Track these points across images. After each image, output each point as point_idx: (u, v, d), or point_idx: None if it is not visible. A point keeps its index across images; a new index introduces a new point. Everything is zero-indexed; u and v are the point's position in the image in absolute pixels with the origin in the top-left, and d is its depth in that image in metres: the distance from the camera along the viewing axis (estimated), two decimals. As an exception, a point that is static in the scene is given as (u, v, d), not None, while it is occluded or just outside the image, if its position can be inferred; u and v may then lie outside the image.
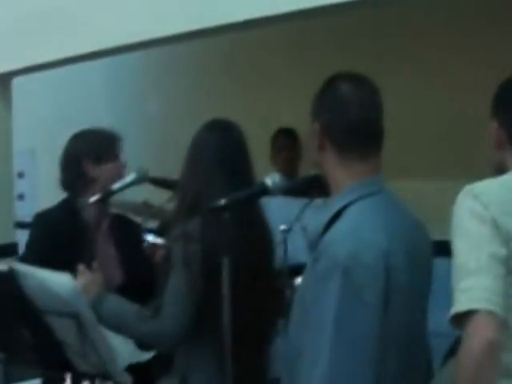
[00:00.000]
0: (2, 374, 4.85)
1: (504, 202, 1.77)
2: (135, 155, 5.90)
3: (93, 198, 2.86)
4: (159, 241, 3.25)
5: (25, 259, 3.02)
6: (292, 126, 4.70)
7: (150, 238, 3.29)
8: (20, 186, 5.82)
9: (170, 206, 3.97)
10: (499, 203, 1.76)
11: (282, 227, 3.83)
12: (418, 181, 4.50)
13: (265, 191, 2.29)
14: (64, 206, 3.18)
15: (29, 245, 3.15)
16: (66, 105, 6.85)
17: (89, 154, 3.12)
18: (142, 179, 2.95)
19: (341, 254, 1.81)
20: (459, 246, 1.73)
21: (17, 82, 5.49)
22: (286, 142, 4.78)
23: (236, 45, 5.33)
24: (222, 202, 2.16)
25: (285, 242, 3.86)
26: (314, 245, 1.95)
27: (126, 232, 3.22)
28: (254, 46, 5.33)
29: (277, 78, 5.34)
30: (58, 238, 3.00)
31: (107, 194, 2.87)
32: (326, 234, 1.91)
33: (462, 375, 1.64)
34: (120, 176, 3.10)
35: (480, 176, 1.87)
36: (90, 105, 6.62)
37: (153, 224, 4.53)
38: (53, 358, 2.40)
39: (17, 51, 4.96)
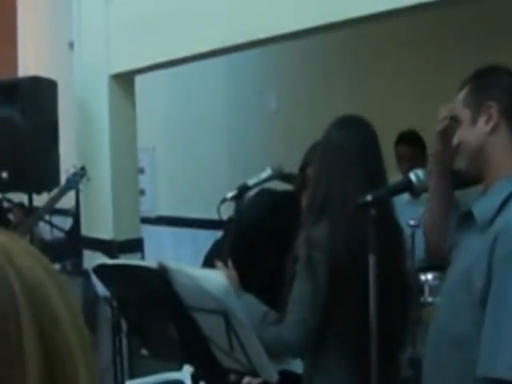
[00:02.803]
0: (126, 369, 4.98)
1: None
2: (256, 151, 6.01)
3: (229, 194, 2.87)
4: None
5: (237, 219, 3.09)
6: (413, 124, 4.57)
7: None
8: (140, 182, 5.93)
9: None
10: None
11: (412, 222, 3.77)
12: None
13: (409, 187, 2.26)
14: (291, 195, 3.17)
15: (245, 210, 3.17)
16: (186, 102, 6.94)
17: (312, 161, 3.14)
18: (277, 175, 2.94)
19: None
20: None
21: (137, 79, 5.59)
22: (407, 150, 4.48)
23: (354, 40, 5.28)
24: (369, 197, 2.14)
25: (413, 237, 3.81)
26: (483, 228, 1.98)
27: None
28: (373, 40, 5.26)
29: (397, 73, 5.25)
30: (275, 218, 3.01)
31: (243, 190, 2.87)
32: (497, 217, 1.94)
33: None
34: None
35: None
36: (209, 102, 6.69)
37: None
38: (198, 354, 2.44)
39: (140, 49, 5.04)
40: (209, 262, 2.83)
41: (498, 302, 1.85)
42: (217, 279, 2.12)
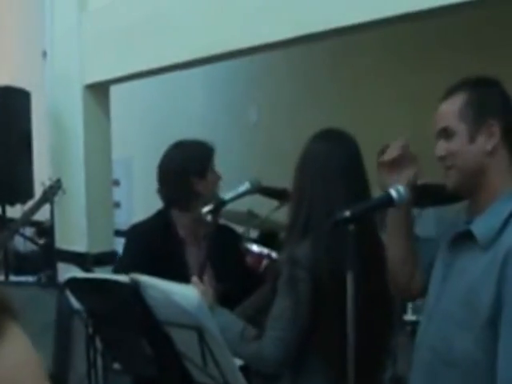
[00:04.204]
0: (101, 383, 4.91)
1: None
2: (236, 164, 5.97)
3: (206, 209, 2.82)
4: (264, 250, 3.21)
5: (119, 270, 3.02)
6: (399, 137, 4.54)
7: (255, 247, 3.25)
8: (116, 194, 5.87)
9: (276, 216, 3.91)
10: None
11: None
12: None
13: (390, 203, 2.20)
14: (158, 217, 3.20)
15: (123, 256, 3.19)
16: (164, 113, 6.89)
17: (195, 168, 3.11)
18: (255, 189, 2.90)
19: None
20: None
21: (113, 90, 5.54)
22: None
23: (337, 51, 5.26)
24: (347, 213, 2.08)
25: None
26: (486, 246, 1.94)
27: (226, 241, 3.17)
28: (356, 52, 5.24)
29: (381, 85, 5.23)
30: (153, 250, 3.01)
31: (219, 205, 2.83)
32: (500, 235, 1.91)
33: None
34: (216, 188, 3.15)
35: None
36: (188, 114, 6.64)
37: (256, 233, 4.51)
38: (171, 369, 2.39)
39: (115, 59, 5.01)
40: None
41: (508, 320, 1.82)
42: (190, 294, 2.07)
